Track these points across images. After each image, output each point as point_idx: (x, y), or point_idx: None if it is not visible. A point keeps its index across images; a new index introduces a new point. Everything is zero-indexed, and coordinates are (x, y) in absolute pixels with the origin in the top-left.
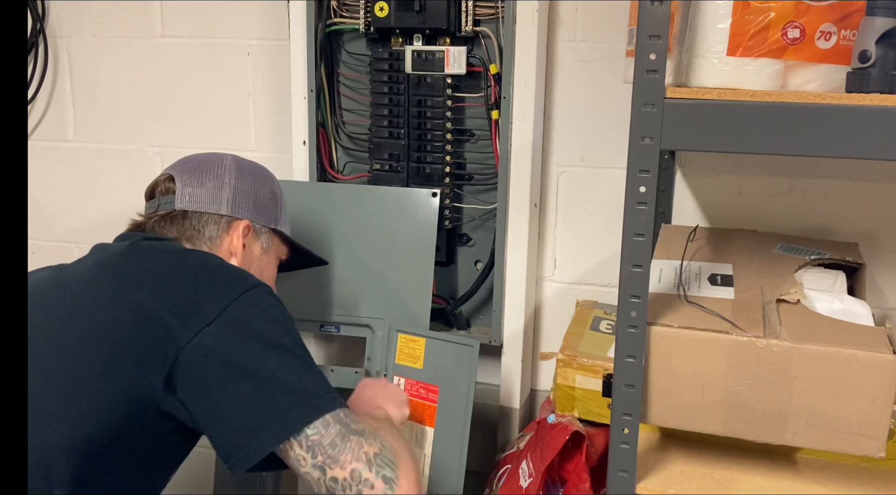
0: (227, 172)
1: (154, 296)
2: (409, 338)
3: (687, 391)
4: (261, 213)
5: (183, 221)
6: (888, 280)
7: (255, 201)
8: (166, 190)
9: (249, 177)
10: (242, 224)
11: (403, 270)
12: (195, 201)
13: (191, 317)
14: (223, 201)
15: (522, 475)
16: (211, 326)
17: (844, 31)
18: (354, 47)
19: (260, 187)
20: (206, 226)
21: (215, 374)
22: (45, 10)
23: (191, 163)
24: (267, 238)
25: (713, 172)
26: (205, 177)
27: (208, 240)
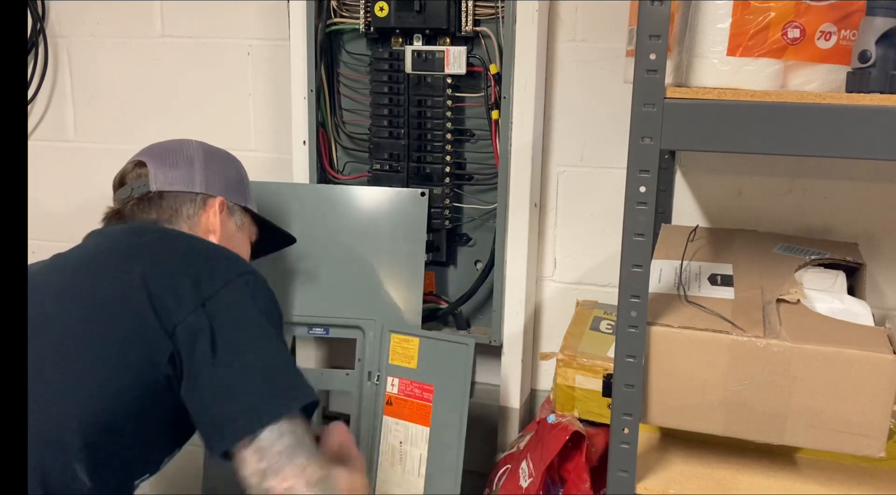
0: (195, 154)
1: (153, 273)
2: (403, 338)
3: (687, 391)
4: (232, 192)
5: (160, 202)
6: (888, 280)
7: (226, 180)
8: (137, 175)
9: (216, 158)
10: (217, 201)
11: (394, 271)
12: (169, 181)
13: (187, 295)
14: (196, 180)
15: (522, 475)
16: (205, 305)
17: (844, 31)
18: (354, 47)
19: (227, 167)
20: (182, 204)
21: (202, 356)
22: (45, 10)
23: (158, 148)
24: (240, 216)
25: (713, 172)
26: (175, 159)
27: (186, 219)
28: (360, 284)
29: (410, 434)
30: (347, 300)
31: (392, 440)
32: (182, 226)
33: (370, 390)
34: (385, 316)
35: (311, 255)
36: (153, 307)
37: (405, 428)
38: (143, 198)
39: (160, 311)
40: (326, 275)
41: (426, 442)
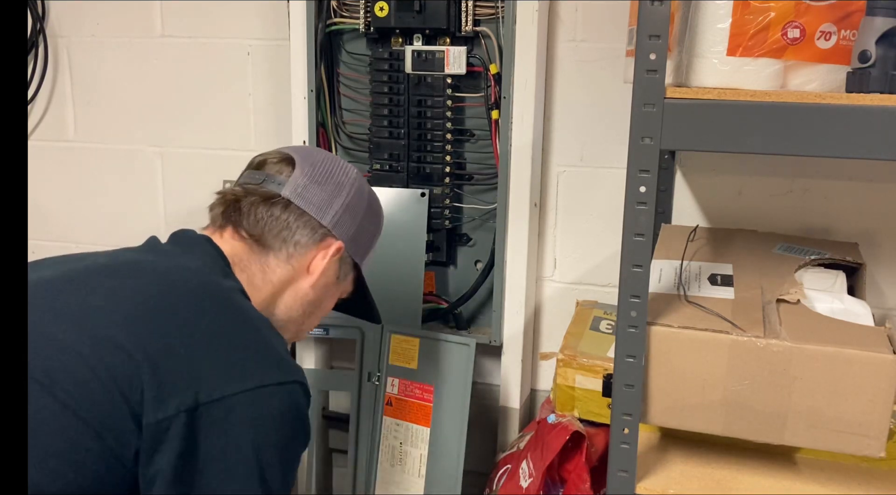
0: (349, 184)
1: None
2: (403, 338)
3: (687, 391)
4: (356, 244)
5: (281, 212)
6: (888, 280)
7: (358, 229)
8: (280, 170)
9: (365, 202)
10: (336, 244)
11: (394, 271)
12: (306, 197)
13: (177, 390)
14: (330, 213)
15: (522, 475)
16: (196, 412)
17: (844, 31)
18: (354, 47)
19: (369, 217)
20: (301, 228)
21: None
22: (45, 10)
23: (316, 155)
24: (346, 270)
25: (713, 172)
26: (326, 178)
27: (293, 246)
28: None
29: (410, 434)
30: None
31: (392, 440)
32: (283, 250)
33: (370, 390)
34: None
35: None
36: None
37: (405, 429)
38: (268, 198)
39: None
40: None
41: (426, 443)
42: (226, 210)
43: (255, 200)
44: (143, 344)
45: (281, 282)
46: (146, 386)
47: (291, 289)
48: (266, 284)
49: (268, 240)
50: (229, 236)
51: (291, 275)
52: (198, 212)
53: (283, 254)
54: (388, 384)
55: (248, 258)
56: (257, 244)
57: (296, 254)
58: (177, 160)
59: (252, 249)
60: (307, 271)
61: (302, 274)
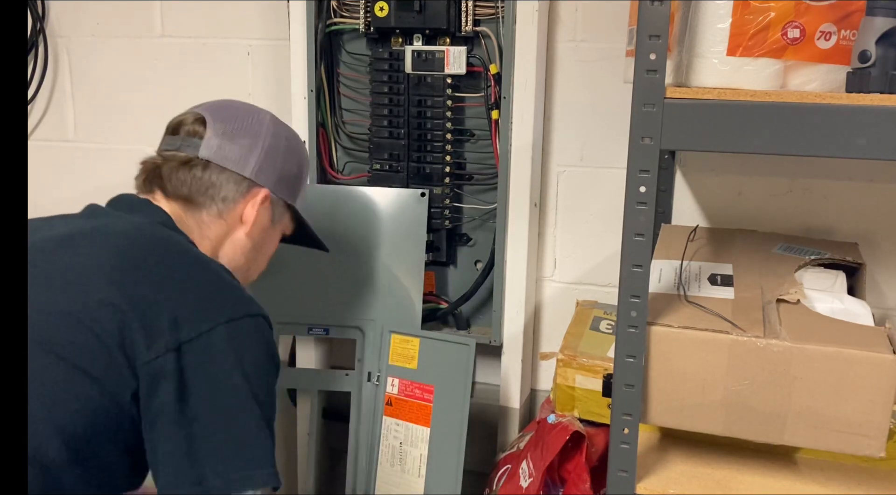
0: (263, 133)
1: (135, 302)
2: (403, 338)
3: (687, 391)
4: (282, 186)
5: (202, 173)
6: (888, 280)
7: (281, 171)
8: (194, 131)
9: (283, 144)
10: (263, 192)
11: (394, 271)
12: (222, 154)
13: (161, 333)
14: (251, 163)
15: (522, 475)
16: (181, 349)
17: (844, 31)
18: (354, 47)
19: (290, 157)
20: (224, 184)
21: (163, 406)
22: (45, 10)
23: (227, 110)
24: (280, 211)
25: (713, 172)
26: (239, 132)
27: (221, 201)
28: (360, 284)
29: (410, 434)
30: (347, 300)
31: (392, 440)
32: (213, 207)
33: (370, 390)
34: (385, 316)
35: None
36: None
37: (405, 429)
38: (186, 162)
39: (128, 347)
40: (326, 275)
41: (426, 443)
42: (147, 178)
43: (174, 165)
44: (127, 296)
45: (218, 236)
46: (135, 334)
47: (229, 240)
48: (205, 239)
49: (197, 200)
50: (162, 199)
51: (226, 228)
52: None
53: (214, 211)
54: (388, 384)
55: (185, 216)
56: (187, 204)
57: (226, 208)
58: None
59: (184, 208)
60: (240, 222)
61: (236, 225)
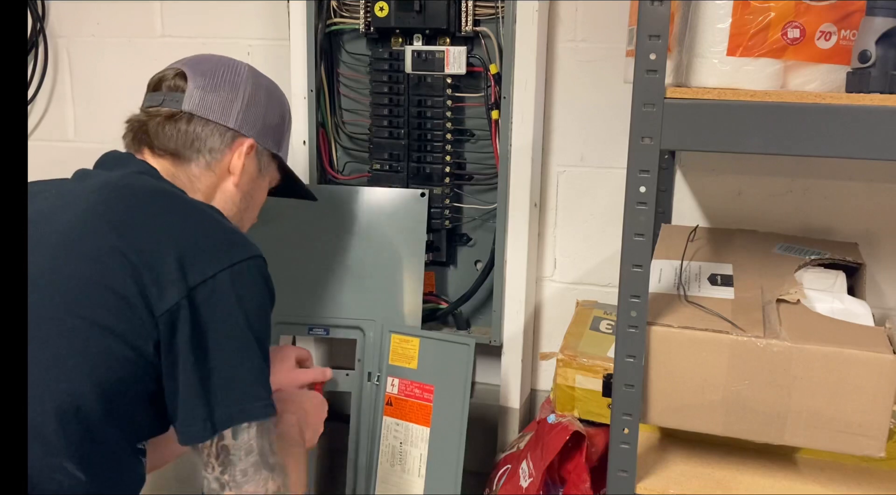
0: (243, 83)
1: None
2: (403, 338)
3: (687, 391)
4: (266, 135)
5: (187, 126)
6: (888, 280)
7: (264, 121)
8: (175, 86)
9: (264, 94)
10: (247, 142)
11: (394, 271)
12: (204, 106)
13: (171, 283)
14: (233, 114)
15: (522, 475)
16: (190, 295)
17: (844, 31)
18: (354, 47)
19: (271, 107)
20: (210, 135)
21: (180, 348)
22: (45, 10)
23: (205, 64)
24: (266, 161)
25: (713, 172)
26: (219, 83)
27: (208, 153)
28: (360, 284)
29: (410, 434)
30: (347, 300)
31: (392, 440)
32: (201, 158)
33: (370, 390)
34: (385, 316)
35: (312, 255)
36: (141, 292)
37: (405, 429)
38: (171, 117)
39: (147, 296)
40: (326, 276)
41: (426, 443)
42: (134, 136)
43: (159, 121)
44: (131, 245)
45: (208, 188)
46: (148, 283)
47: (220, 192)
48: (196, 192)
49: (184, 153)
50: (149, 155)
51: (215, 179)
52: None
53: (202, 163)
54: (388, 384)
55: (175, 171)
56: (175, 158)
57: (213, 160)
58: None
59: (173, 163)
60: (228, 172)
61: (224, 176)
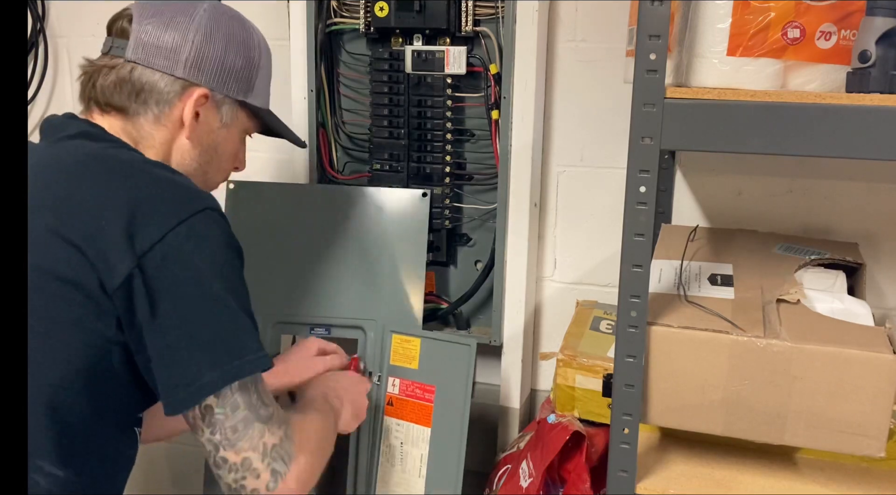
0: (194, 28)
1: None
2: (404, 338)
3: (687, 391)
4: (226, 82)
5: (129, 76)
6: (888, 280)
7: (221, 67)
8: (122, 30)
9: (220, 39)
10: (198, 92)
11: (395, 271)
12: (148, 55)
13: (120, 255)
14: (180, 62)
15: (522, 475)
16: (140, 264)
17: (844, 31)
18: (354, 47)
19: (230, 52)
20: (155, 86)
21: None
22: (45, 10)
23: (157, 5)
24: (230, 110)
25: (713, 172)
26: (167, 27)
27: (156, 105)
28: (361, 284)
29: (411, 434)
30: (348, 300)
31: (393, 440)
32: (149, 111)
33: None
34: (386, 316)
35: (313, 255)
36: (88, 272)
37: (406, 429)
38: (114, 67)
39: (96, 275)
40: (327, 276)
41: (427, 443)
42: (83, 90)
43: (103, 72)
44: (75, 227)
45: (161, 144)
46: (95, 262)
47: (175, 147)
48: (150, 149)
49: (130, 107)
50: (98, 115)
51: (168, 134)
52: None
53: (150, 117)
54: (389, 384)
55: (125, 127)
56: (123, 113)
57: (161, 113)
58: None
59: (122, 118)
60: (181, 124)
61: (177, 129)
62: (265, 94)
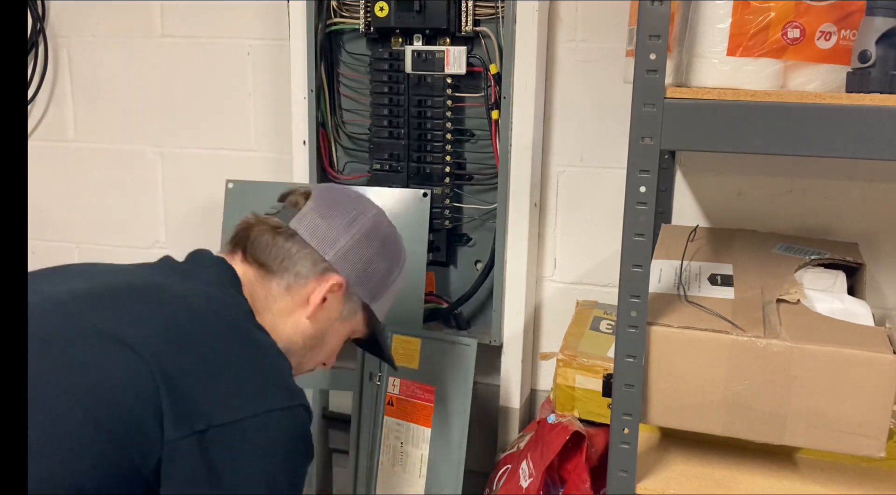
0: (358, 223)
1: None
2: (405, 338)
3: (687, 391)
4: (362, 282)
5: (284, 242)
6: (888, 280)
7: (366, 267)
8: (295, 203)
9: (376, 242)
10: (336, 279)
11: None
12: (310, 230)
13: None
14: (336, 247)
15: (522, 475)
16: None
17: (844, 31)
18: (354, 47)
19: (380, 257)
20: (302, 259)
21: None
22: (45, 10)
23: (335, 192)
24: (352, 307)
25: (713, 172)
26: (335, 214)
27: (293, 276)
28: None
29: (412, 434)
30: None
31: (393, 440)
32: (283, 279)
33: (371, 390)
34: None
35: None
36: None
37: (406, 429)
38: (275, 228)
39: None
40: None
41: (427, 443)
42: (237, 235)
43: (263, 229)
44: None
45: (280, 310)
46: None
47: (291, 319)
48: (268, 311)
49: (272, 267)
50: (240, 260)
51: (291, 305)
52: (197, 211)
53: (284, 283)
54: (390, 384)
55: (255, 282)
56: (262, 269)
57: (295, 284)
58: (177, 160)
59: (258, 274)
60: (306, 302)
61: (301, 305)
62: (384, 309)
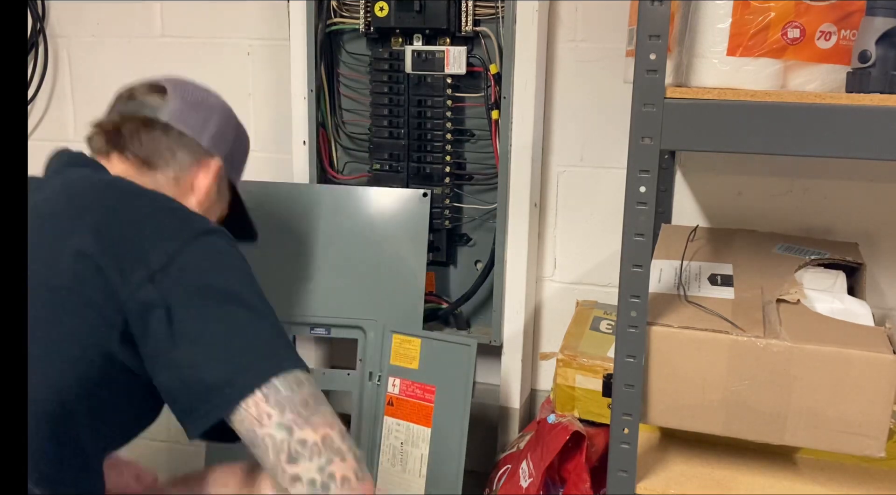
0: (218, 108)
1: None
2: (404, 338)
3: (687, 391)
4: (231, 163)
5: (162, 135)
6: (888, 280)
7: (231, 148)
8: (152, 97)
9: (234, 124)
10: (216, 163)
11: (395, 271)
12: (182, 120)
13: (133, 268)
14: (207, 132)
15: (522, 475)
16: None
17: (844, 31)
18: (354, 47)
19: (239, 137)
20: (181, 148)
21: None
22: (45, 10)
23: (185, 83)
24: (223, 188)
25: (713, 172)
26: (198, 103)
27: (177, 166)
28: (361, 284)
29: (412, 434)
30: (349, 300)
31: (393, 441)
32: (169, 170)
33: (371, 391)
34: (386, 316)
35: (313, 256)
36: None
37: (406, 429)
38: (147, 122)
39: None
40: (328, 276)
41: (427, 443)
42: (108, 138)
43: (135, 126)
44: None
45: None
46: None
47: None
48: None
49: (154, 161)
50: (117, 160)
51: (178, 193)
52: None
53: (170, 174)
54: (389, 384)
55: (138, 178)
56: (144, 165)
57: (181, 173)
58: None
59: (140, 170)
60: (192, 189)
61: (187, 192)
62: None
